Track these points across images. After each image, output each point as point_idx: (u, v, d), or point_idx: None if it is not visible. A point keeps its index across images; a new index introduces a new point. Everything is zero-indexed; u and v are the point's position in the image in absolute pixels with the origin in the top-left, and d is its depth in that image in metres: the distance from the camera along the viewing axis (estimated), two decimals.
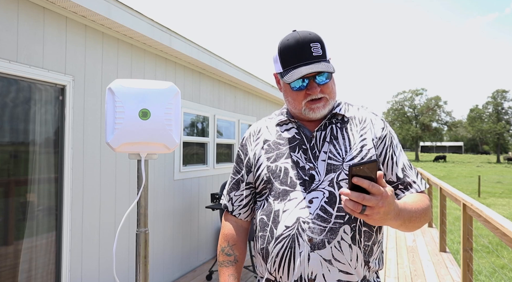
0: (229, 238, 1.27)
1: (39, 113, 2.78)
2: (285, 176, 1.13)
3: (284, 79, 1.12)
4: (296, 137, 1.18)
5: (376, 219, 0.85)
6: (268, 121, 1.30)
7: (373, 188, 0.81)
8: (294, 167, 1.13)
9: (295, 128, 1.21)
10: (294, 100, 1.15)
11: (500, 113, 63.36)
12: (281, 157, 1.16)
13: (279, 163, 1.16)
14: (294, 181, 1.11)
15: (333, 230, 1.05)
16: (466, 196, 3.75)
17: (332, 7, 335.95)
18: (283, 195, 1.12)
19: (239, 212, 1.28)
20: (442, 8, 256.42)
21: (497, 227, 2.49)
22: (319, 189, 1.09)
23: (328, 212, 1.06)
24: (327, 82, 1.13)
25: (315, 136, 1.16)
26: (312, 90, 1.11)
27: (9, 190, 2.66)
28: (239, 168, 1.29)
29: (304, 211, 1.07)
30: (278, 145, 1.20)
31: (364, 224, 1.09)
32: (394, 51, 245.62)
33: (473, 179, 21.51)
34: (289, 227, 1.07)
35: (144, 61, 3.81)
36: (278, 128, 1.25)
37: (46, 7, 2.75)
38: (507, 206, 11.56)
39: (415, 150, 63.42)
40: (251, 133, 1.30)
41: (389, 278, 4.23)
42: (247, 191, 1.27)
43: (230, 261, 1.25)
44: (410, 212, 0.98)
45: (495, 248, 6.47)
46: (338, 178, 1.09)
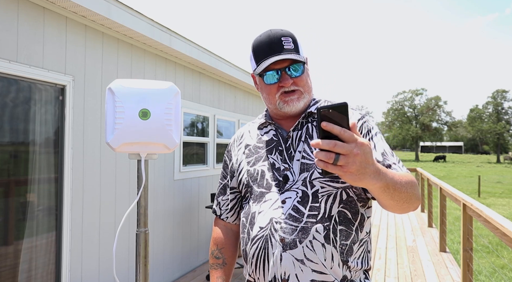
0: (218, 242, 1.30)
1: (39, 113, 2.78)
2: (262, 178, 1.14)
3: (255, 71, 1.13)
4: (274, 139, 1.19)
5: (353, 172, 0.75)
6: (251, 126, 1.32)
7: (345, 133, 0.73)
8: (270, 169, 1.14)
9: (273, 130, 1.21)
10: (268, 94, 1.15)
11: (500, 113, 63.37)
12: (259, 160, 1.17)
13: (257, 166, 1.17)
14: (270, 182, 1.12)
15: (305, 229, 1.03)
16: (466, 196, 3.75)
17: (332, 7, 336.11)
18: (260, 197, 1.12)
19: (226, 216, 1.31)
20: (442, 8, 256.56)
21: (497, 227, 2.49)
22: (293, 189, 1.08)
23: (300, 211, 1.05)
24: (300, 75, 1.12)
25: (291, 137, 1.16)
26: (284, 82, 1.10)
27: (9, 190, 2.66)
28: (225, 173, 1.32)
29: (277, 212, 1.07)
30: (258, 148, 1.21)
31: (341, 222, 1.06)
32: (394, 51, 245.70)
33: (473, 179, 21.51)
34: (263, 227, 1.08)
35: (144, 61, 3.81)
36: (258, 132, 1.25)
37: (46, 7, 2.75)
38: (507, 206, 11.56)
39: (415, 150, 63.43)
40: (235, 139, 1.32)
41: (389, 278, 4.23)
42: (232, 195, 1.29)
43: (219, 264, 1.27)
44: (393, 178, 0.89)
45: (495, 248, 6.47)
46: (311, 176, 1.08)
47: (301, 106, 1.14)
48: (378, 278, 4.24)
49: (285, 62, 1.10)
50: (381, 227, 6.99)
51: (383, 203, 0.97)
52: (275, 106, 1.15)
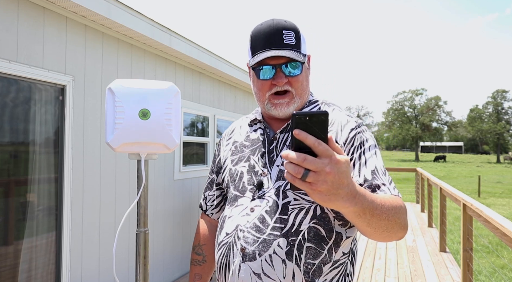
0: (201, 238, 1.26)
1: (39, 113, 2.78)
2: (239, 180, 1.08)
3: (249, 63, 1.05)
4: (259, 139, 1.12)
5: (323, 192, 0.64)
6: (244, 121, 1.25)
7: (319, 146, 0.63)
8: (249, 171, 1.07)
9: (261, 129, 1.14)
10: (259, 90, 1.06)
11: (500, 113, 63.39)
12: (242, 160, 1.11)
13: (238, 167, 1.11)
14: (245, 186, 1.06)
15: (266, 242, 0.96)
16: (466, 196, 3.75)
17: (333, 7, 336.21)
18: (233, 201, 1.07)
19: (212, 212, 1.26)
20: (442, 8, 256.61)
21: (497, 227, 2.49)
22: (265, 197, 1.01)
23: (265, 222, 0.98)
24: (296, 75, 1.02)
25: (277, 139, 1.08)
26: (277, 80, 1.01)
27: (9, 190, 2.66)
28: (213, 167, 1.27)
29: (244, 219, 1.01)
30: (243, 147, 1.14)
31: (310, 239, 0.96)
32: (394, 51, 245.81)
33: (473, 179, 21.51)
34: (228, 234, 1.03)
35: (144, 61, 3.81)
36: (248, 129, 1.19)
37: (46, 7, 2.75)
38: (507, 206, 11.56)
39: (415, 150, 63.43)
40: (226, 133, 1.27)
41: (389, 278, 4.23)
42: (218, 192, 1.25)
43: (198, 261, 1.24)
44: (374, 203, 0.77)
45: (495, 248, 6.47)
46: (286, 186, 0.99)
47: (290, 112, 1.05)
48: (378, 278, 4.24)
49: (282, 59, 1.01)
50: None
51: (359, 229, 0.86)
52: (263, 105, 1.08)
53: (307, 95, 1.09)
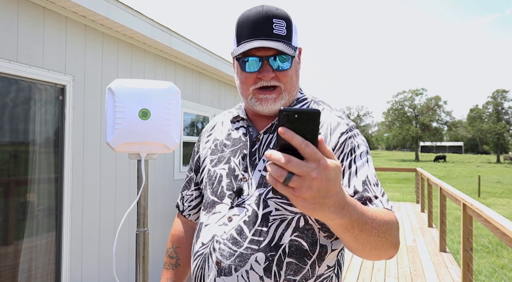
0: (175, 240, 1.17)
1: (39, 113, 2.78)
2: (218, 184, 0.99)
3: (234, 53, 0.95)
4: (241, 139, 1.01)
5: (307, 199, 0.56)
6: (226, 116, 1.13)
7: (306, 148, 0.55)
8: (228, 174, 0.98)
9: (244, 128, 1.03)
10: (243, 84, 0.96)
11: (500, 113, 63.41)
12: (222, 161, 1.01)
13: (217, 168, 1.01)
14: (224, 191, 0.96)
15: (243, 257, 0.87)
16: (466, 196, 3.75)
17: (333, 7, 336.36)
18: (211, 207, 0.98)
19: (189, 213, 1.17)
20: (442, 8, 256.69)
21: (497, 227, 2.49)
22: (244, 205, 0.92)
23: (243, 234, 0.89)
24: (285, 70, 0.92)
25: (260, 140, 0.98)
26: (263, 74, 0.91)
27: (9, 190, 2.66)
28: (192, 165, 1.17)
29: (221, 229, 0.92)
30: (224, 146, 1.04)
31: (291, 253, 0.87)
32: (394, 51, 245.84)
33: (473, 179, 21.51)
34: (204, 244, 0.95)
35: (144, 61, 3.81)
36: (230, 125, 1.07)
37: (46, 7, 2.75)
38: (507, 206, 11.56)
39: (415, 150, 63.45)
40: (206, 129, 1.15)
41: (389, 278, 4.23)
42: (196, 192, 1.14)
43: (171, 264, 1.14)
44: (364, 216, 0.70)
45: (495, 248, 6.47)
46: (268, 194, 0.90)
47: (277, 108, 0.95)
48: (378, 278, 4.24)
49: (270, 51, 0.91)
50: None
51: (345, 244, 0.78)
52: (247, 100, 0.97)
53: (296, 91, 0.99)
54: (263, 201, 0.90)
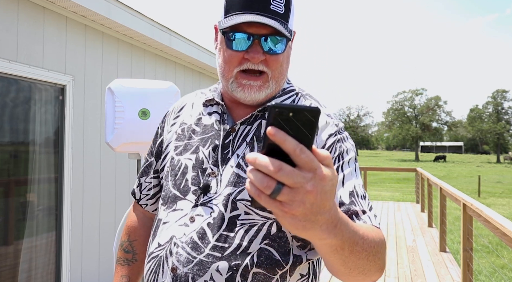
0: (131, 232, 1.04)
1: (39, 113, 2.78)
2: (182, 176, 0.86)
3: (220, 25, 0.83)
4: (214, 127, 0.88)
5: (298, 216, 0.47)
6: (198, 97, 0.98)
7: (302, 154, 0.44)
8: (195, 167, 0.85)
9: (218, 114, 0.90)
10: (226, 63, 0.83)
11: (500, 113, 63.44)
12: (188, 149, 0.88)
13: (182, 157, 0.87)
14: (189, 186, 0.84)
15: (203, 265, 0.76)
16: (466, 196, 3.75)
17: (333, 6, 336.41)
18: (172, 202, 0.85)
19: (146, 202, 1.03)
20: (443, 8, 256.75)
21: (497, 227, 2.49)
22: (210, 205, 0.80)
23: (205, 238, 0.78)
24: (277, 54, 0.81)
25: (236, 131, 0.85)
26: (252, 55, 0.79)
27: (9, 190, 2.67)
28: (152, 148, 1.02)
29: (181, 230, 0.81)
30: (192, 132, 0.90)
31: (260, 263, 0.76)
32: (394, 51, 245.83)
33: (473, 178, 21.51)
34: (161, 245, 0.83)
35: (144, 61, 3.81)
36: (203, 109, 0.93)
37: (46, 7, 2.75)
38: (507, 205, 11.56)
39: (415, 150, 63.45)
40: (174, 109, 1.00)
41: (389, 278, 4.23)
42: (155, 180, 1.00)
43: (127, 260, 1.02)
44: (356, 235, 0.61)
45: (495, 248, 6.47)
46: (238, 195, 0.79)
47: (261, 98, 0.84)
48: None
49: (264, 29, 0.79)
50: (381, 226, 7.00)
51: (329, 266, 0.68)
52: (227, 83, 0.84)
53: (283, 81, 0.88)
54: (232, 202, 0.79)
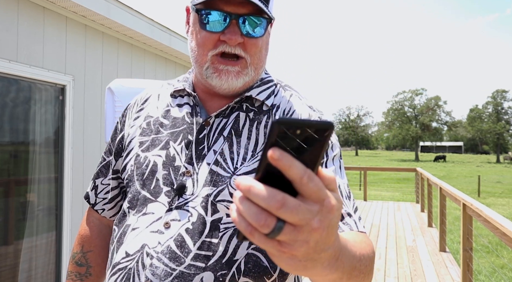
0: (85, 242, 0.91)
1: (39, 113, 2.78)
2: (151, 175, 0.75)
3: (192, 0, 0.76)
4: (185, 120, 0.79)
5: (298, 256, 0.39)
6: (164, 89, 0.88)
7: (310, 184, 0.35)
8: (166, 164, 0.75)
9: (190, 106, 0.81)
10: (199, 46, 0.74)
11: (500, 113, 63.48)
12: (157, 145, 0.78)
13: (150, 154, 0.77)
14: (160, 186, 0.74)
15: (184, 278, 0.66)
16: (466, 196, 3.76)
17: (333, 6, 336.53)
18: (140, 205, 0.75)
19: (103, 207, 0.91)
20: (443, 8, 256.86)
21: (496, 227, 2.49)
22: (187, 208, 0.71)
23: (185, 246, 0.68)
24: (256, 37, 0.73)
25: (210, 125, 0.77)
26: (229, 36, 0.71)
27: (9, 189, 2.67)
28: (111, 146, 0.90)
29: (154, 238, 0.70)
30: (160, 126, 0.80)
31: (247, 271, 0.68)
32: (394, 51, 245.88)
33: (473, 178, 21.52)
34: (129, 255, 0.71)
35: (144, 61, 3.82)
36: (171, 100, 0.84)
37: (46, 7, 2.75)
38: (506, 205, 11.57)
39: (415, 150, 63.46)
40: (137, 101, 0.89)
41: (389, 278, 4.23)
42: (114, 182, 0.89)
43: (80, 274, 0.89)
44: (354, 258, 0.53)
45: (494, 248, 6.47)
46: (218, 196, 0.70)
47: (238, 86, 0.76)
48: (378, 278, 4.24)
49: (243, 7, 0.71)
50: (381, 226, 7.00)
51: None
52: (201, 69, 0.76)
53: (262, 69, 0.80)
54: (212, 204, 0.70)
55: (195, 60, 0.77)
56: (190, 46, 0.78)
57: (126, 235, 0.74)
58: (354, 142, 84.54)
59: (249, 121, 0.77)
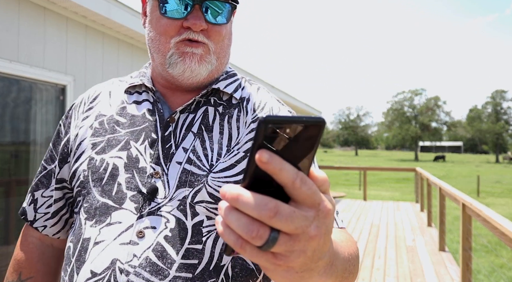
0: (23, 267, 0.78)
1: (39, 113, 2.79)
2: (111, 180, 0.67)
3: None
4: (146, 118, 0.72)
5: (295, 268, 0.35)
6: (116, 85, 0.80)
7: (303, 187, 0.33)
8: (129, 166, 0.67)
9: (150, 103, 0.74)
10: (161, 34, 0.69)
11: (499, 113, 63.56)
12: (114, 146, 0.69)
13: (107, 156, 0.69)
14: (123, 191, 0.65)
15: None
16: (465, 196, 3.77)
17: (333, 6, 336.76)
18: (101, 214, 0.65)
19: (44, 224, 0.78)
20: (443, 8, 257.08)
21: (496, 227, 2.50)
22: (161, 213, 0.63)
23: (167, 257, 0.61)
24: (220, 25, 0.70)
25: (176, 121, 0.70)
26: (193, 21, 0.66)
27: (10, 189, 2.67)
28: (53, 152, 0.79)
29: (126, 250, 0.62)
30: (116, 124, 0.72)
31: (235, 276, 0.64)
32: (393, 51, 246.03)
33: (472, 178, 21.54)
34: (97, 274, 0.62)
35: (144, 61, 3.82)
36: (126, 97, 0.76)
37: (47, 7, 2.76)
38: (506, 205, 11.59)
39: (415, 150, 63.52)
40: (83, 100, 0.80)
41: (389, 278, 4.24)
42: (59, 193, 0.78)
43: None
44: (344, 259, 0.52)
45: (494, 248, 6.49)
46: (195, 197, 0.64)
47: (201, 74, 0.70)
48: (377, 277, 4.25)
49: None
50: (380, 226, 7.01)
51: None
52: (164, 59, 0.70)
53: (226, 61, 0.77)
54: (190, 206, 0.64)
55: (156, 50, 0.71)
56: (150, 37, 0.72)
57: (88, 251, 0.64)
58: (354, 142, 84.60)
59: (219, 116, 0.72)
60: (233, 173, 0.67)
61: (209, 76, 0.72)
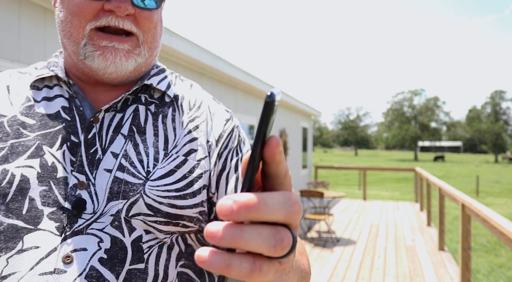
0: None
1: None
2: (20, 195, 0.53)
3: None
4: (62, 117, 0.59)
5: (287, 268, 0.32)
6: (16, 78, 0.64)
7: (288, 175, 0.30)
8: (44, 177, 0.54)
9: (65, 99, 0.61)
10: (74, 16, 0.57)
11: (498, 114, 63.65)
12: (21, 153, 0.56)
13: (12, 166, 0.54)
14: (38, 208, 0.53)
15: None
16: (464, 196, 3.78)
17: (333, 6, 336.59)
18: (8, 239, 0.51)
19: None
20: (442, 9, 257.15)
21: (495, 226, 2.51)
22: (92, 232, 0.53)
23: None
24: (151, 9, 0.59)
25: (100, 121, 0.59)
26: (117, 4, 0.55)
27: None
28: None
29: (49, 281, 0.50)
30: (22, 127, 0.58)
31: None
32: (393, 52, 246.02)
33: (472, 178, 21.57)
34: None
35: None
36: (32, 92, 0.62)
37: (48, 7, 2.76)
38: (505, 205, 11.61)
39: (414, 150, 63.57)
40: None
41: (388, 277, 4.25)
42: None
43: None
44: (301, 267, 0.49)
45: (493, 247, 6.50)
46: (131, 210, 0.55)
47: (128, 69, 0.60)
48: (377, 277, 4.26)
49: None
50: (380, 226, 7.02)
51: None
52: (77, 47, 0.58)
53: (157, 51, 0.67)
54: (126, 221, 0.55)
55: (67, 35, 0.58)
56: (59, 17, 0.59)
57: None
58: (354, 142, 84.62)
59: (151, 116, 0.62)
60: (174, 179, 0.58)
61: (135, 70, 0.62)
